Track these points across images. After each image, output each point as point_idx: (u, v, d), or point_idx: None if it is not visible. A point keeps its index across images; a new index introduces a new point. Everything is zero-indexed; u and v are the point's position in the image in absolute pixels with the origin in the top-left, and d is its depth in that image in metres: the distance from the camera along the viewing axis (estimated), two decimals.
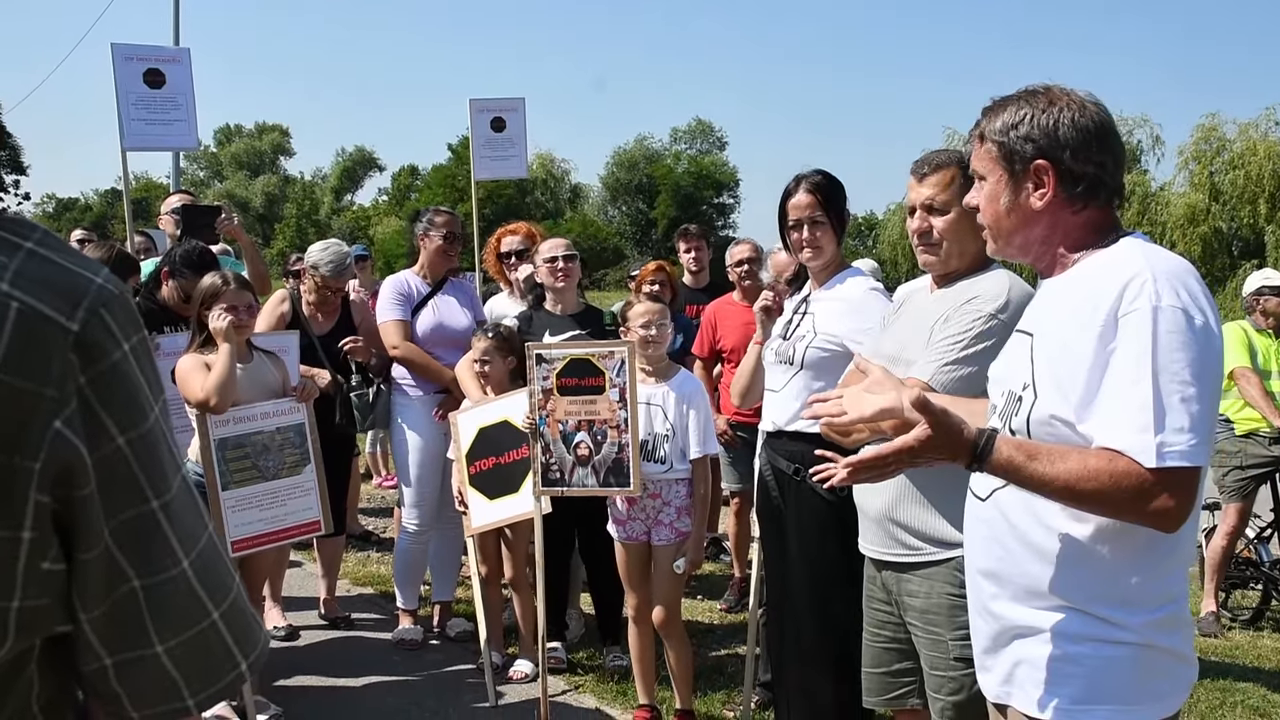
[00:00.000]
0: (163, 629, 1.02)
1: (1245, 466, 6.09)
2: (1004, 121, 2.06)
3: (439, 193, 54.39)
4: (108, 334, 0.98)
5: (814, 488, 3.51)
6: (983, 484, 2.17)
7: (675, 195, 63.34)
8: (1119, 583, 1.95)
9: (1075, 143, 2.01)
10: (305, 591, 6.06)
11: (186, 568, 1.03)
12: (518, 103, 7.49)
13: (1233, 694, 4.98)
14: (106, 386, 0.97)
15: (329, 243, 5.65)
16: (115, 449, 0.97)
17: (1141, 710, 1.96)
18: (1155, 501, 1.81)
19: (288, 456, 4.38)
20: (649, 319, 4.35)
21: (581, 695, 4.88)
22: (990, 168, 2.10)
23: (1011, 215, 2.09)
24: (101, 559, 0.98)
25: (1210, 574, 6.19)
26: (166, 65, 6.20)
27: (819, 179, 3.65)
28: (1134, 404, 1.83)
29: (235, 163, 78.98)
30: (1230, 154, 32.79)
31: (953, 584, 2.67)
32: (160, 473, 1.01)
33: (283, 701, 4.56)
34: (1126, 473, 1.81)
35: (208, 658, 1.06)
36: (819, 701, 3.55)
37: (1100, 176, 2.03)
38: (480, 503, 4.77)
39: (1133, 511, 1.84)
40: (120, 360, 0.98)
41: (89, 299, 0.97)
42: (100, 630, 1.00)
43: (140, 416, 1.00)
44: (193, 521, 1.06)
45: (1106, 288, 1.91)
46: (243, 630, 1.10)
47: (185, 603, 1.03)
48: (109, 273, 1.03)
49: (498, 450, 4.72)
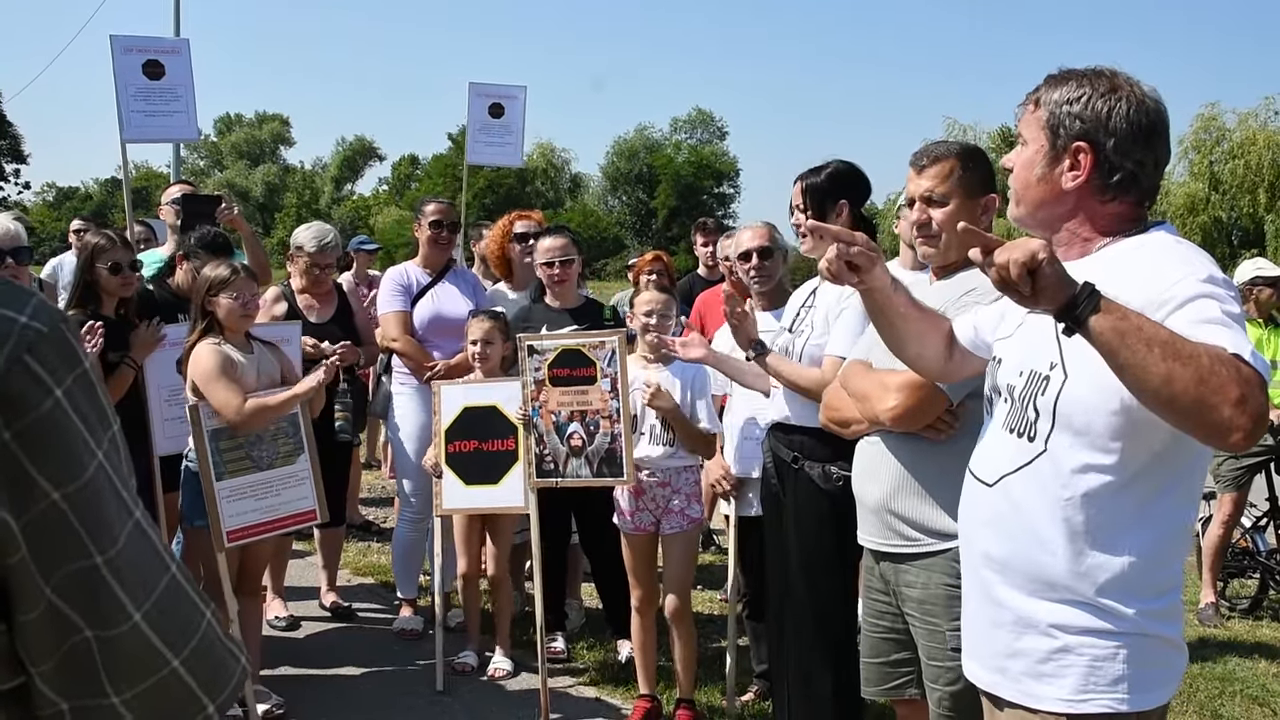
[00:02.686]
0: (118, 681, 0.95)
1: (1240, 455, 6.09)
2: (1062, 94, 2.05)
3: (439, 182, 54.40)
4: (34, 382, 0.87)
5: (812, 477, 3.53)
6: (989, 470, 2.16)
7: (675, 185, 63.30)
8: (1125, 572, 1.95)
9: (1122, 134, 2.01)
10: (306, 581, 6.08)
11: (139, 621, 0.95)
12: (518, 90, 7.42)
13: (1232, 683, 5.00)
14: (36, 440, 0.87)
15: (311, 224, 5.73)
16: (50, 505, 0.88)
17: (1138, 699, 1.97)
18: (1254, 402, 1.65)
19: (281, 446, 4.36)
20: (651, 307, 4.39)
21: (582, 686, 4.89)
22: (1035, 134, 2.10)
23: (1040, 185, 2.09)
24: (45, 616, 0.90)
25: (1208, 564, 6.21)
26: (166, 56, 6.17)
27: (813, 177, 3.62)
28: (1217, 328, 1.74)
29: (235, 152, 78.86)
30: (1230, 143, 32.75)
31: (950, 575, 2.68)
32: (103, 525, 0.92)
33: (284, 691, 4.57)
34: (1232, 361, 1.67)
35: (168, 704, 0.99)
36: (816, 690, 3.57)
37: (1137, 174, 2.03)
38: (455, 485, 4.70)
39: (1224, 415, 1.65)
40: (51, 409, 0.88)
41: (9, 345, 0.87)
42: (53, 681, 0.94)
43: (79, 468, 0.90)
44: (147, 567, 0.97)
45: (1151, 271, 1.89)
46: (210, 671, 1.02)
47: (140, 655, 0.96)
48: (40, 303, 0.92)
49: (481, 435, 4.66)
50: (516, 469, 4.61)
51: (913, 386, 2.69)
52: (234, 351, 4.33)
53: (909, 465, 2.83)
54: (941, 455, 2.71)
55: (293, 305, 5.46)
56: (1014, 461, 2.07)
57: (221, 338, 4.34)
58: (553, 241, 5.19)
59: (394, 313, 5.42)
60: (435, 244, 5.55)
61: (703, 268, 7.24)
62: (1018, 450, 2.07)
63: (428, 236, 5.54)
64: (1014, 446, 2.08)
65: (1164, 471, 1.93)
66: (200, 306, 4.39)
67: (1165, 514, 1.96)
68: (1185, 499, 1.99)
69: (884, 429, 2.83)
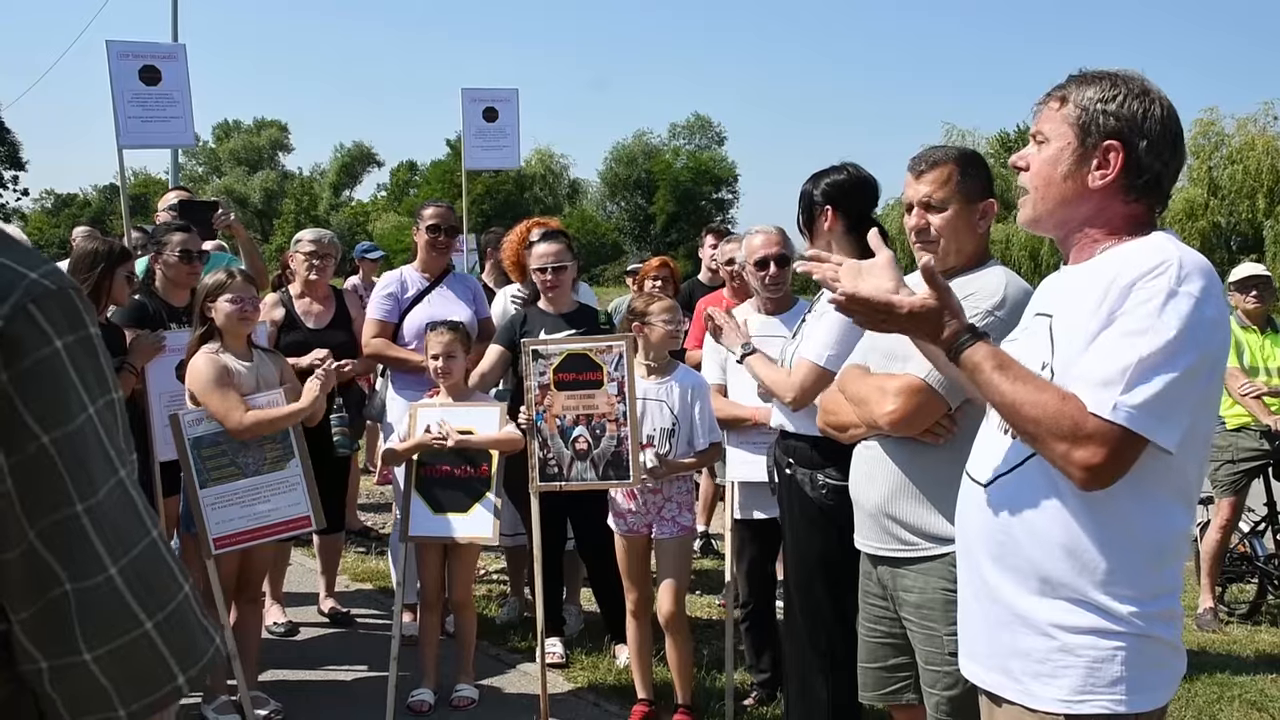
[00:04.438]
0: (90, 637, 0.98)
1: (1237, 460, 6.10)
2: (1095, 93, 2.04)
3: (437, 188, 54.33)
4: (35, 329, 0.93)
5: (803, 485, 3.54)
6: (984, 470, 2.17)
7: (674, 191, 63.28)
8: (1122, 573, 1.96)
9: (1155, 136, 2.01)
10: (305, 587, 6.08)
11: (115, 574, 0.98)
12: (510, 93, 7.49)
13: (1230, 688, 4.99)
14: (30, 383, 0.92)
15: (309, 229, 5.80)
16: (39, 448, 0.93)
17: (1136, 700, 1.97)
18: (1081, 451, 1.85)
19: (269, 452, 4.33)
20: (672, 314, 4.38)
21: (580, 690, 4.89)
22: (1062, 132, 2.07)
23: (1065, 183, 2.07)
24: (25, 559, 0.94)
25: (1206, 569, 6.20)
26: (162, 62, 6.18)
27: (810, 183, 3.59)
28: (1117, 363, 1.86)
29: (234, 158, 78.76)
30: (1229, 149, 32.74)
31: (948, 579, 2.68)
32: (86, 476, 0.97)
33: (282, 697, 4.57)
34: (1068, 415, 1.86)
35: (140, 668, 1.01)
36: (813, 696, 3.57)
37: (1162, 177, 2.04)
38: (423, 512, 4.60)
39: (1056, 453, 1.89)
40: (49, 357, 0.94)
41: (16, 294, 0.93)
42: (30, 632, 0.97)
43: (67, 416, 0.95)
44: (128, 526, 1.01)
45: (1131, 265, 1.93)
46: (182, 641, 1.04)
47: (113, 610, 0.99)
48: (51, 268, 0.98)
49: (453, 460, 4.58)
50: (488, 499, 4.54)
51: (911, 390, 2.70)
52: (232, 359, 4.32)
53: (907, 469, 2.83)
54: (940, 459, 2.71)
55: (290, 311, 5.47)
56: (1008, 461, 2.08)
57: (221, 344, 4.34)
58: (546, 247, 5.16)
59: (370, 320, 5.50)
60: (433, 248, 5.56)
61: (705, 272, 7.23)
62: (1011, 451, 2.08)
63: (425, 240, 5.55)
64: (1007, 447, 2.09)
65: (1153, 475, 1.93)
66: (200, 313, 4.40)
67: (1157, 516, 1.96)
68: (1178, 502, 1.99)
69: (882, 433, 2.83)
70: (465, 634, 4.84)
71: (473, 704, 4.67)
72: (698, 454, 4.36)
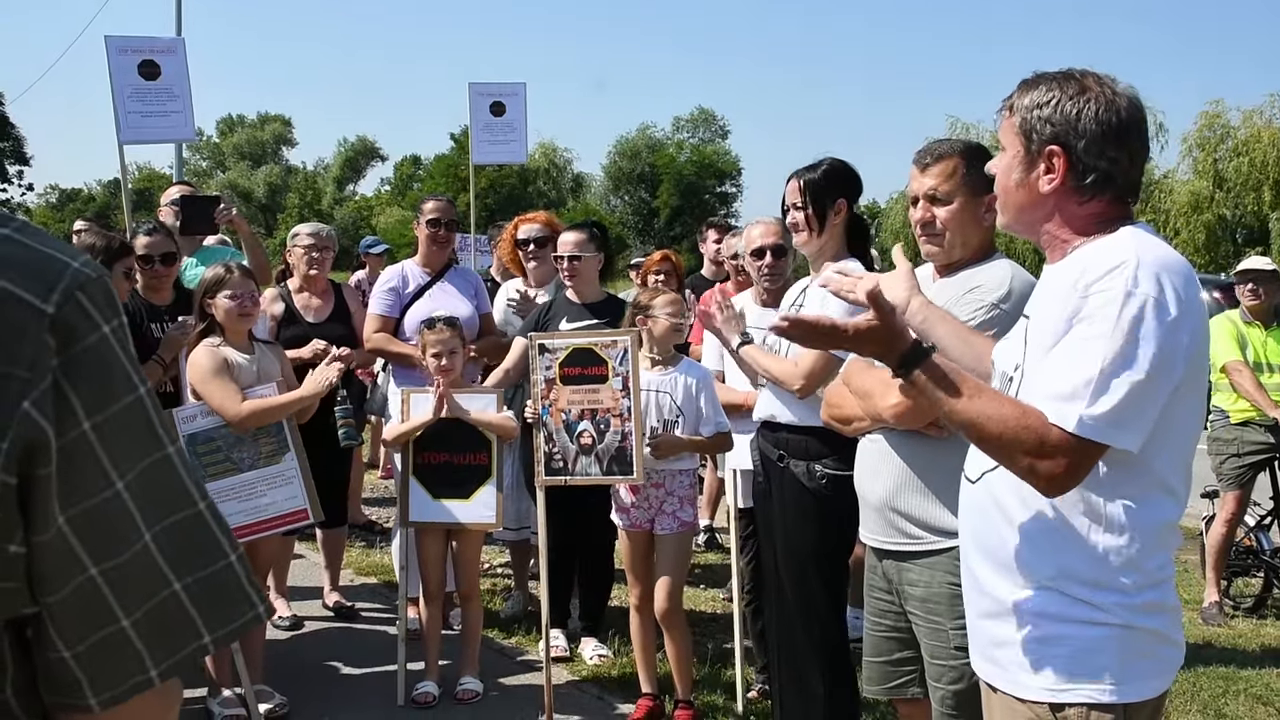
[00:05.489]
0: (128, 603, 1.00)
1: (1242, 454, 6.08)
2: (1032, 99, 2.07)
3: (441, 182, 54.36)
4: (84, 317, 0.97)
5: (797, 476, 3.53)
6: (974, 467, 2.20)
7: (678, 184, 63.19)
8: (1100, 565, 1.98)
9: (1092, 135, 2.01)
10: (309, 582, 6.08)
11: (149, 541, 1.01)
12: (518, 88, 7.46)
13: (1236, 682, 4.98)
14: (80, 369, 0.96)
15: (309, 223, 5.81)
16: (80, 434, 0.96)
17: (1124, 690, 1.98)
18: (1045, 463, 1.88)
19: (263, 447, 4.32)
20: (676, 308, 4.39)
21: (583, 684, 4.89)
22: (1011, 141, 2.12)
23: (1019, 191, 2.11)
24: (55, 543, 0.96)
25: (1211, 563, 6.18)
26: (161, 56, 6.17)
27: (809, 173, 3.59)
28: (1076, 374, 1.88)
29: (237, 153, 78.83)
30: (1234, 141, 32.58)
31: (953, 573, 2.67)
32: (126, 453, 1.00)
33: (287, 691, 4.56)
34: (1032, 429, 1.88)
35: (171, 626, 1.04)
36: (810, 690, 3.56)
37: (1111, 173, 2.03)
38: (423, 497, 4.61)
39: (1020, 466, 1.92)
40: (98, 343, 0.98)
41: (65, 281, 0.97)
42: (59, 617, 0.99)
43: (112, 399, 0.99)
44: (169, 497, 1.04)
45: (1090, 270, 1.95)
46: (215, 607, 1.07)
47: (145, 574, 1.01)
48: (88, 257, 1.02)
49: (451, 448, 4.59)
50: (489, 485, 4.56)
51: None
52: (233, 352, 4.32)
53: (912, 463, 2.83)
54: (944, 453, 2.70)
55: (290, 306, 5.47)
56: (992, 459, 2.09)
57: (222, 339, 4.34)
58: (567, 237, 5.21)
59: (371, 315, 5.49)
60: (434, 242, 5.55)
61: (708, 266, 7.21)
62: None
63: (426, 235, 5.54)
64: None
65: (1130, 469, 1.95)
66: (200, 308, 4.39)
67: (1137, 509, 1.96)
68: (1153, 492, 1.98)
69: (887, 426, 2.82)
70: (471, 626, 4.83)
71: (477, 697, 4.66)
72: (705, 438, 4.36)
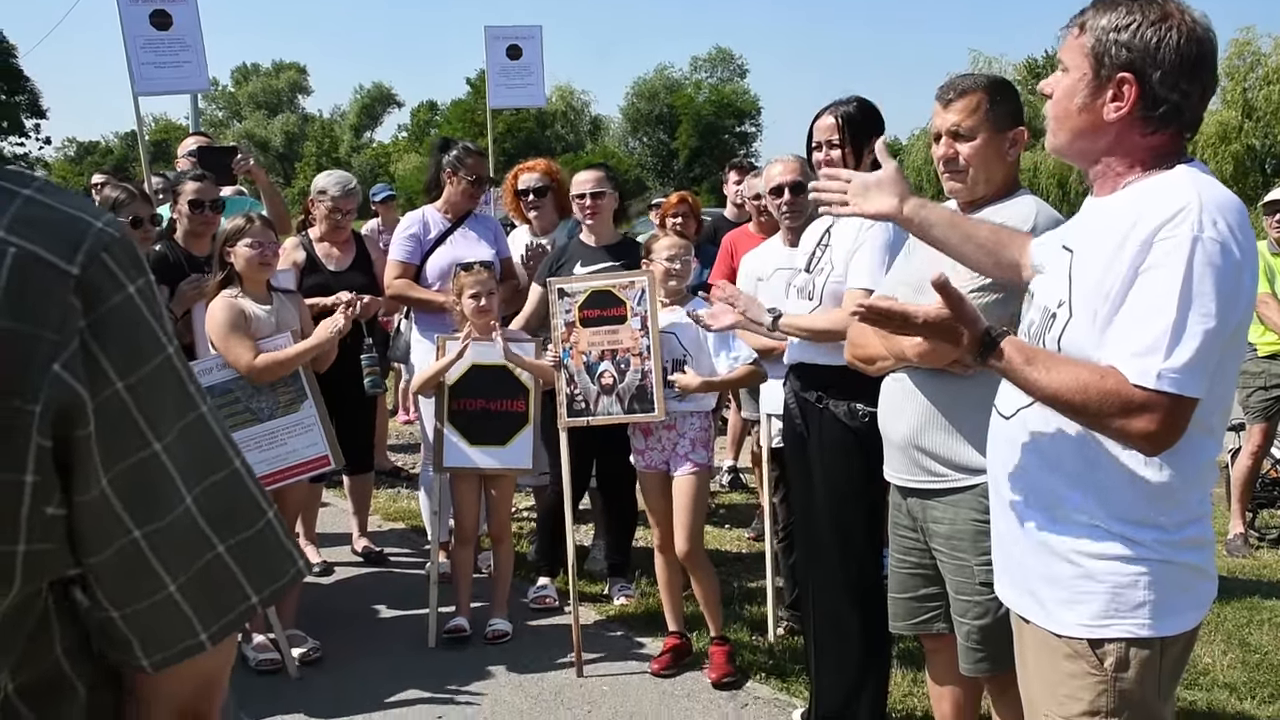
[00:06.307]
0: (173, 568, 1.01)
1: (1269, 387, 6.04)
2: (1111, 20, 1.98)
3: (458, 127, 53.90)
4: (109, 277, 0.96)
5: (837, 415, 3.52)
6: (1008, 403, 2.18)
7: (696, 125, 62.54)
8: (1140, 502, 1.97)
9: (1169, 66, 1.94)
10: (338, 528, 6.16)
11: (190, 504, 1.01)
12: (534, 30, 7.38)
13: (1260, 611, 5.01)
14: (108, 330, 0.95)
15: (332, 171, 5.74)
16: (114, 393, 0.96)
17: (1162, 624, 1.98)
18: (1137, 422, 1.84)
19: (281, 396, 4.34)
20: (674, 252, 4.39)
21: (610, 623, 4.95)
22: (1078, 61, 2.02)
23: (1080, 115, 2.03)
24: (98, 503, 0.96)
25: (1236, 495, 6.18)
26: (172, 5, 6.11)
27: (844, 107, 3.59)
28: (1152, 328, 1.83)
29: (253, 102, 78.57)
30: (1264, 69, 31.91)
31: (978, 510, 2.68)
32: (162, 414, 0.99)
33: (319, 635, 4.65)
34: (1115, 391, 1.84)
35: (218, 590, 1.05)
36: (845, 628, 3.59)
37: (1181, 106, 1.96)
38: (458, 443, 4.65)
39: (1114, 429, 1.88)
40: (123, 303, 0.97)
41: (89, 242, 0.96)
42: (105, 578, 0.99)
43: (142, 360, 0.98)
44: (207, 457, 1.04)
45: (1151, 211, 1.89)
46: (258, 565, 1.08)
47: (189, 538, 1.02)
48: (111, 216, 1.01)
49: (488, 394, 4.63)
50: (526, 431, 4.62)
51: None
52: (251, 304, 4.33)
53: (935, 401, 2.82)
54: (968, 390, 2.69)
55: (311, 254, 5.47)
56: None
57: (240, 289, 4.35)
58: (585, 174, 5.17)
59: (392, 262, 5.45)
60: (470, 198, 5.49)
61: (730, 208, 7.16)
62: None
63: (465, 189, 5.43)
64: None
65: None
66: (219, 257, 4.40)
67: (1178, 448, 1.92)
68: (1199, 435, 1.95)
69: (910, 365, 2.81)
70: (502, 568, 4.90)
71: (507, 638, 4.73)
72: (733, 375, 4.32)
